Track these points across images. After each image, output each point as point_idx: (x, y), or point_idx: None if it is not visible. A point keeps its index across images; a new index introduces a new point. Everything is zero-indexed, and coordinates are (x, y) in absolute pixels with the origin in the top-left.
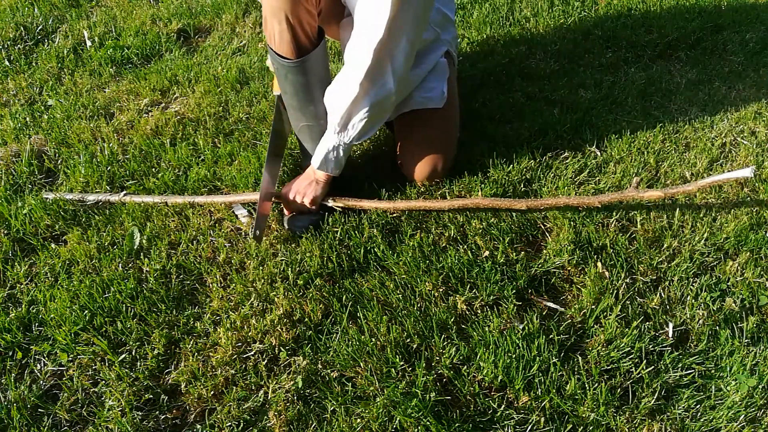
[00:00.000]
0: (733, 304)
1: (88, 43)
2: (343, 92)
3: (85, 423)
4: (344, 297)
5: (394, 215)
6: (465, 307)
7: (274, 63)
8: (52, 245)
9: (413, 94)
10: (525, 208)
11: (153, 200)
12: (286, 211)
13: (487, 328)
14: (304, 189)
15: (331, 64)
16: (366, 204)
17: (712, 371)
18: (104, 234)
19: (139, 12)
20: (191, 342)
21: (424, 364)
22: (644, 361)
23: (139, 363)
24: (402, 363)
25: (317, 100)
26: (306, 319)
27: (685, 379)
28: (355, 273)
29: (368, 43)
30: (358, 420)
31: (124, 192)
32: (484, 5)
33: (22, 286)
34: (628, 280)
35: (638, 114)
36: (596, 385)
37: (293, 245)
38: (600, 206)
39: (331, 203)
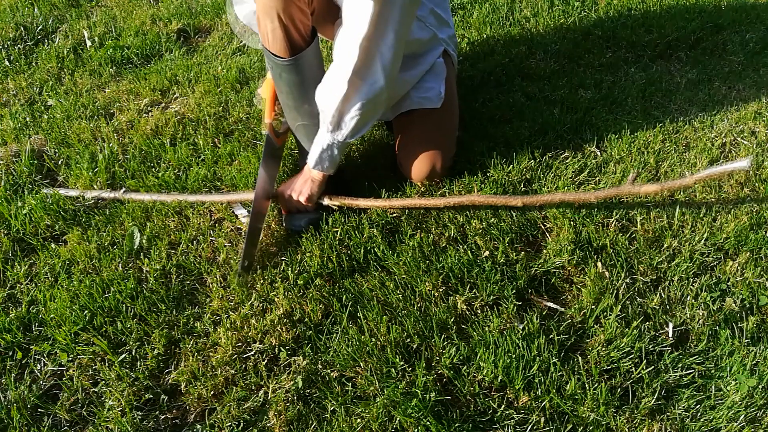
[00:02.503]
0: (733, 304)
1: (88, 43)
2: (332, 90)
3: (85, 423)
4: (344, 297)
5: (394, 215)
6: (465, 307)
7: (268, 62)
8: (52, 245)
9: (410, 94)
10: (521, 204)
11: (150, 198)
12: (284, 210)
13: (487, 328)
14: (300, 187)
15: (325, 64)
16: (362, 202)
17: (712, 371)
18: (104, 234)
19: (139, 12)
20: (191, 342)
21: (424, 364)
22: (644, 361)
23: (139, 363)
24: (402, 363)
25: (312, 99)
26: (306, 319)
27: (685, 379)
28: (355, 273)
29: (353, 39)
30: (358, 420)
31: (124, 189)
32: (484, 5)
33: (22, 286)
34: (628, 280)
35: (638, 114)
36: (596, 385)
37: (293, 245)
38: (596, 202)
39: (327, 201)
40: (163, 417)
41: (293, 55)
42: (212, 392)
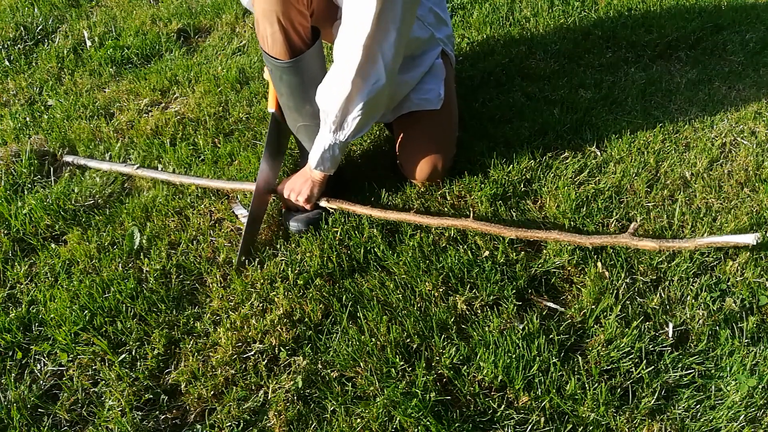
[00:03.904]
0: (733, 304)
1: (88, 43)
2: (335, 91)
3: (85, 423)
4: (344, 297)
5: None
6: (465, 307)
7: (267, 65)
8: (52, 245)
9: (410, 96)
10: (514, 237)
11: (162, 177)
12: (283, 209)
13: (487, 328)
14: (300, 187)
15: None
16: (359, 209)
17: (712, 371)
18: (104, 234)
19: (139, 12)
20: (191, 342)
21: (424, 364)
22: (644, 361)
23: (139, 363)
24: (402, 363)
25: (313, 100)
26: (306, 319)
27: (685, 379)
28: (355, 273)
29: (356, 39)
30: (358, 420)
31: (137, 165)
32: (484, 5)
33: (22, 286)
34: (628, 280)
35: (638, 114)
36: (596, 385)
37: (293, 245)
38: (591, 247)
39: (325, 204)
40: (163, 417)
41: (293, 57)
42: (212, 392)
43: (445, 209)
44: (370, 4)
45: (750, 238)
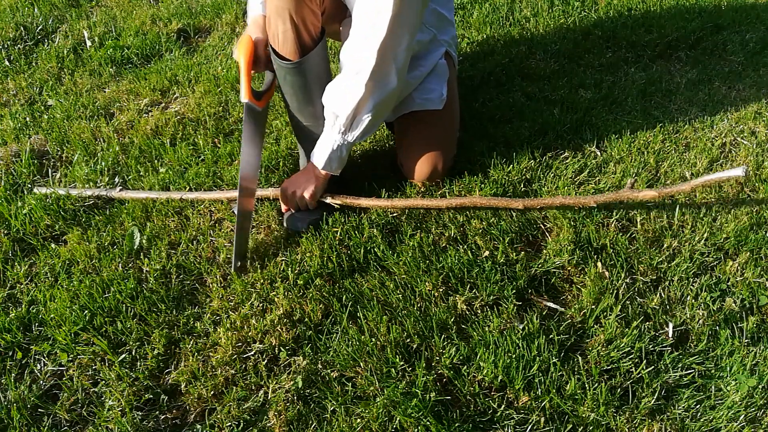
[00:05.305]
0: (733, 304)
1: (88, 43)
2: (347, 93)
3: (85, 423)
4: (344, 297)
5: (394, 215)
6: (465, 307)
7: (274, 63)
8: (52, 245)
9: (412, 96)
10: (522, 207)
11: (146, 196)
12: (283, 209)
13: (487, 328)
14: (304, 184)
15: (331, 64)
16: (364, 202)
17: (712, 371)
18: (104, 234)
19: (139, 12)
20: (191, 342)
21: (424, 364)
22: (644, 361)
23: (139, 363)
24: (402, 363)
25: (316, 101)
26: (306, 319)
27: (685, 379)
28: (355, 273)
29: (371, 43)
30: (358, 420)
31: (120, 188)
32: (484, 5)
33: (22, 286)
34: (628, 280)
35: (638, 114)
36: (596, 385)
37: (293, 245)
38: (596, 205)
39: (329, 200)
40: (163, 417)
41: (302, 56)
42: (212, 392)
43: (445, 209)
44: (385, 9)
45: (739, 171)
